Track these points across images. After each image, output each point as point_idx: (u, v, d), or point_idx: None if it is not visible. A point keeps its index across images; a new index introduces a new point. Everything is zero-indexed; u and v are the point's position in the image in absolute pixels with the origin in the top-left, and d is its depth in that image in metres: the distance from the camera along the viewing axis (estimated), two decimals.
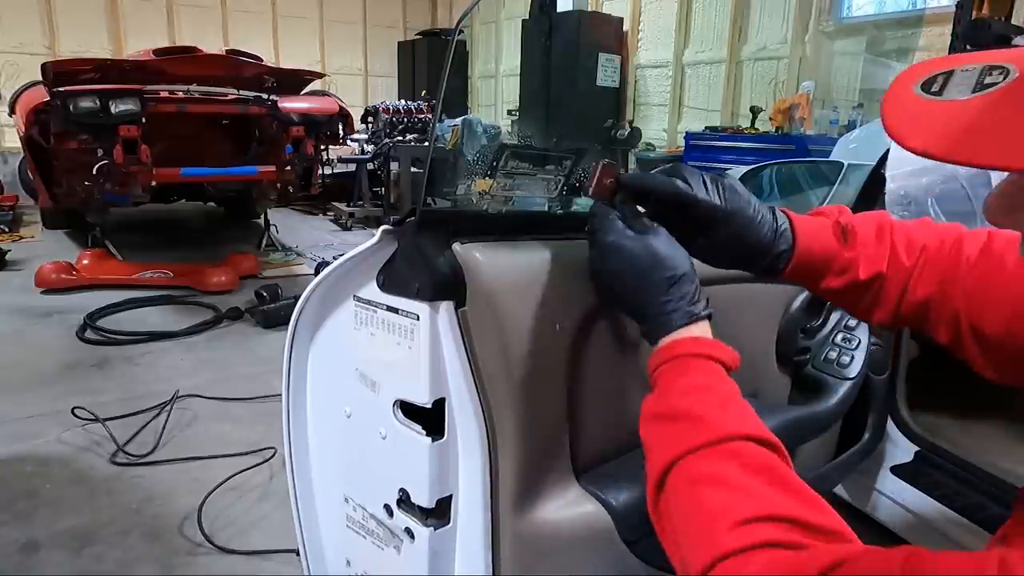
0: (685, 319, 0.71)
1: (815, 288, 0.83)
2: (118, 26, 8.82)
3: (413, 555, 0.80)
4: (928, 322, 0.81)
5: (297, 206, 7.65)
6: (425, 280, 0.71)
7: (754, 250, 0.78)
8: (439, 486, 0.77)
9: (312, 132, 4.98)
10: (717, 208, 0.76)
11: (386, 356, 0.78)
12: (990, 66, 0.45)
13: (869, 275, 0.79)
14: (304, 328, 0.90)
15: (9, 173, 7.75)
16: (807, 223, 0.81)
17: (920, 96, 0.47)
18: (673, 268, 0.72)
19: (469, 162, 6.41)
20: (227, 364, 3.26)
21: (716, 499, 0.57)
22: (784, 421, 1.19)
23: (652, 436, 0.67)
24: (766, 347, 1.28)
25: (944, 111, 0.45)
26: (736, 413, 0.64)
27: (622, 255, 0.73)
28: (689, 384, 0.67)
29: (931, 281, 0.79)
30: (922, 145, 0.44)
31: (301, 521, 0.98)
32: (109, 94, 4.07)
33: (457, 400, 0.75)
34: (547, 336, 0.78)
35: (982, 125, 0.43)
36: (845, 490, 1.75)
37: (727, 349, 0.71)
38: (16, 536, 1.91)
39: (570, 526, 0.80)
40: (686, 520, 0.59)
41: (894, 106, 0.48)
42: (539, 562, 0.80)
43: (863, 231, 0.81)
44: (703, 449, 0.61)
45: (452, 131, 7.92)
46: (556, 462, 0.82)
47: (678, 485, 0.61)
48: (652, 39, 8.39)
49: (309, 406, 0.95)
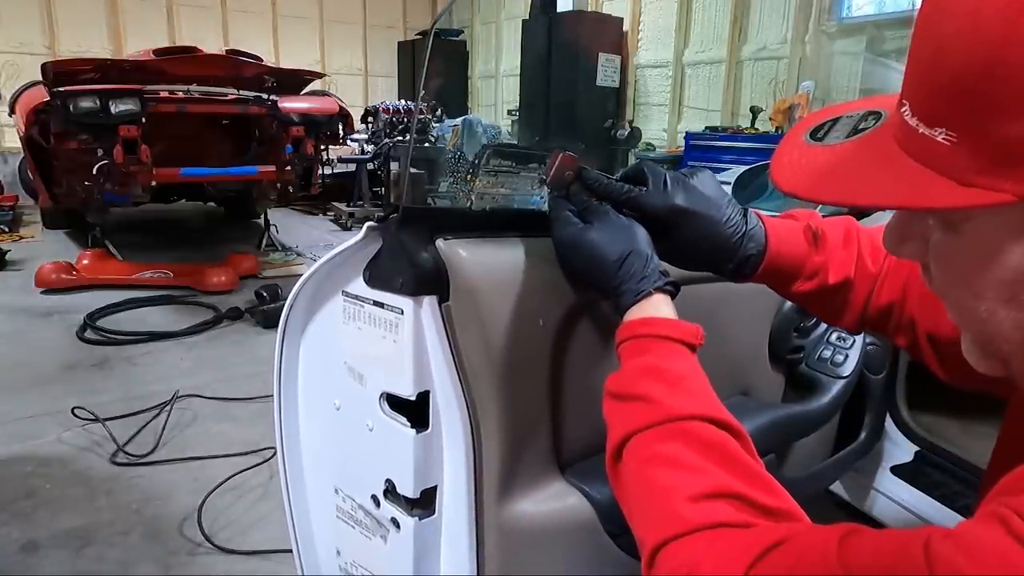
0: (632, 297, 0.71)
1: (785, 292, 0.84)
2: (118, 26, 8.84)
3: (399, 544, 0.81)
4: (888, 326, 0.83)
5: (297, 206, 7.66)
6: (408, 275, 0.73)
7: (719, 252, 0.78)
8: (423, 477, 0.78)
9: (312, 132, 5.00)
10: (675, 209, 0.76)
11: (372, 350, 0.79)
12: (868, 112, 0.51)
13: (838, 280, 0.80)
14: (295, 323, 0.92)
15: (9, 173, 7.78)
16: (779, 226, 0.81)
17: (805, 143, 0.53)
18: (621, 250, 0.72)
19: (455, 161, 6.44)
20: (227, 364, 3.27)
21: (663, 478, 0.59)
22: (777, 418, 1.19)
23: (610, 413, 0.68)
24: (759, 346, 1.29)
25: (819, 155, 0.50)
26: (687, 393, 0.65)
27: (573, 246, 0.75)
28: (642, 365, 0.68)
29: (895, 287, 0.81)
30: (789, 187, 0.50)
31: (293, 511, 0.99)
32: (109, 94, 4.09)
33: (441, 393, 0.77)
34: (530, 331, 0.79)
35: (839, 167, 0.49)
36: (845, 490, 1.75)
37: (683, 326, 0.70)
38: (16, 536, 1.92)
39: (554, 518, 0.81)
40: (637, 498, 0.61)
41: (782, 153, 0.54)
42: (523, 553, 0.81)
43: (832, 236, 0.82)
44: (652, 428, 0.62)
45: (452, 131, 7.93)
46: (540, 455, 0.84)
47: (632, 461, 0.63)
48: (652, 39, 8.40)
49: (300, 399, 0.96)
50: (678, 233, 0.77)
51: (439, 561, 0.82)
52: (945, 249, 0.48)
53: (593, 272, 0.74)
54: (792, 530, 0.50)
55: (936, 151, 0.42)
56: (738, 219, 0.78)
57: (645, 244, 0.74)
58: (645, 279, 0.72)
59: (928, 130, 0.43)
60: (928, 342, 0.79)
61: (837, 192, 0.48)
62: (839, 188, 0.48)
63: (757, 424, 1.14)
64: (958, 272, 0.48)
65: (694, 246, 0.78)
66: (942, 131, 0.42)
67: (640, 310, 0.71)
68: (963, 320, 0.51)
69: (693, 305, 1.03)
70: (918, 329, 0.79)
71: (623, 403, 0.67)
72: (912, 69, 0.44)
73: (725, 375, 1.20)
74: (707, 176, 0.80)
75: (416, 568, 0.81)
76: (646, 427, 0.63)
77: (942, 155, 0.42)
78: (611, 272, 0.72)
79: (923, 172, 0.43)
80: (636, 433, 0.63)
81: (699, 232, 0.77)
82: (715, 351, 1.13)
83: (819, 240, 0.81)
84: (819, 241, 0.81)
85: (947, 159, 0.42)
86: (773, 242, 0.79)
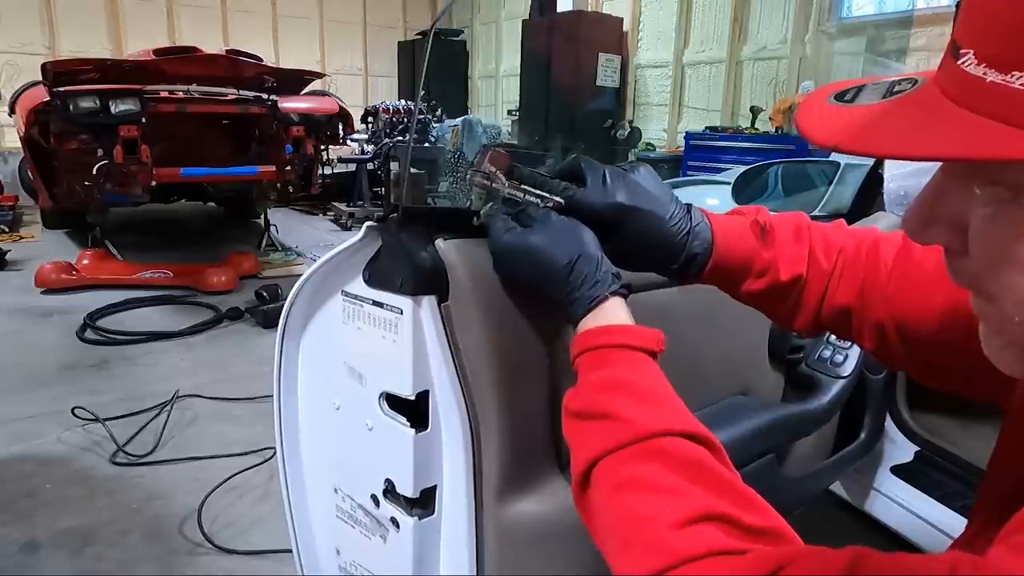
0: (586, 304, 0.67)
1: (735, 292, 0.79)
2: (118, 26, 8.85)
3: (399, 544, 0.81)
4: (850, 328, 0.78)
5: (297, 206, 7.66)
6: (407, 275, 0.73)
7: (662, 250, 0.73)
8: (423, 477, 0.78)
9: (312, 132, 5.00)
10: (617, 207, 0.71)
11: (372, 349, 0.79)
12: (900, 79, 0.47)
13: (790, 276, 0.76)
14: (295, 323, 0.92)
15: (9, 173, 7.77)
16: (725, 222, 0.77)
17: (833, 104, 0.48)
18: (568, 254, 0.67)
19: (457, 162, 6.43)
20: (227, 364, 3.27)
21: (643, 503, 0.54)
22: (777, 418, 1.20)
23: (572, 435, 0.64)
24: (759, 345, 1.29)
25: (854, 113, 0.46)
26: (657, 407, 0.60)
27: (515, 253, 0.70)
28: (605, 378, 0.63)
29: (851, 286, 0.76)
30: (828, 139, 0.45)
31: (293, 511, 0.99)
32: (109, 94, 4.09)
33: (440, 392, 0.77)
34: (530, 331, 0.79)
35: (887, 122, 0.44)
36: (845, 489, 1.75)
37: (643, 332, 0.65)
38: (16, 536, 1.92)
39: (554, 518, 0.81)
40: (614, 529, 0.56)
41: (808, 111, 0.49)
42: (523, 552, 0.81)
43: (781, 231, 0.77)
44: (623, 449, 0.57)
45: (452, 131, 7.94)
46: (540, 455, 0.84)
47: (602, 488, 0.58)
48: (652, 39, 8.41)
49: (300, 399, 0.96)
50: (620, 233, 0.72)
51: (439, 561, 0.82)
52: (999, 221, 0.42)
53: (540, 280, 0.69)
54: (791, 554, 0.46)
55: (1013, 99, 0.37)
56: (682, 216, 0.73)
57: (594, 246, 0.69)
58: (599, 283, 0.67)
59: (1001, 76, 0.38)
60: (902, 345, 0.74)
61: (889, 144, 0.42)
62: (891, 141, 0.42)
63: (757, 424, 1.14)
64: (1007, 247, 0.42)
65: (637, 246, 0.73)
66: (1022, 75, 0.37)
67: (595, 318, 0.67)
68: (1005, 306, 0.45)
69: (692, 306, 1.03)
70: (888, 331, 0.74)
71: (587, 422, 0.62)
72: (973, 13, 0.40)
73: (725, 375, 1.20)
74: (647, 171, 0.75)
75: (416, 568, 0.81)
76: (616, 448, 0.57)
77: (1020, 103, 0.37)
78: (560, 279, 0.67)
79: (992, 125, 0.38)
80: (606, 455, 0.58)
81: (642, 231, 0.72)
82: (715, 351, 1.14)
83: (767, 235, 0.77)
84: (767, 236, 0.76)
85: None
86: (719, 239, 0.75)
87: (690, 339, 1.02)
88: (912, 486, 1.57)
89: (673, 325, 0.89)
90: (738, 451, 1.09)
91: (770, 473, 1.22)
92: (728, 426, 1.09)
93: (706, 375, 1.14)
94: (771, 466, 1.22)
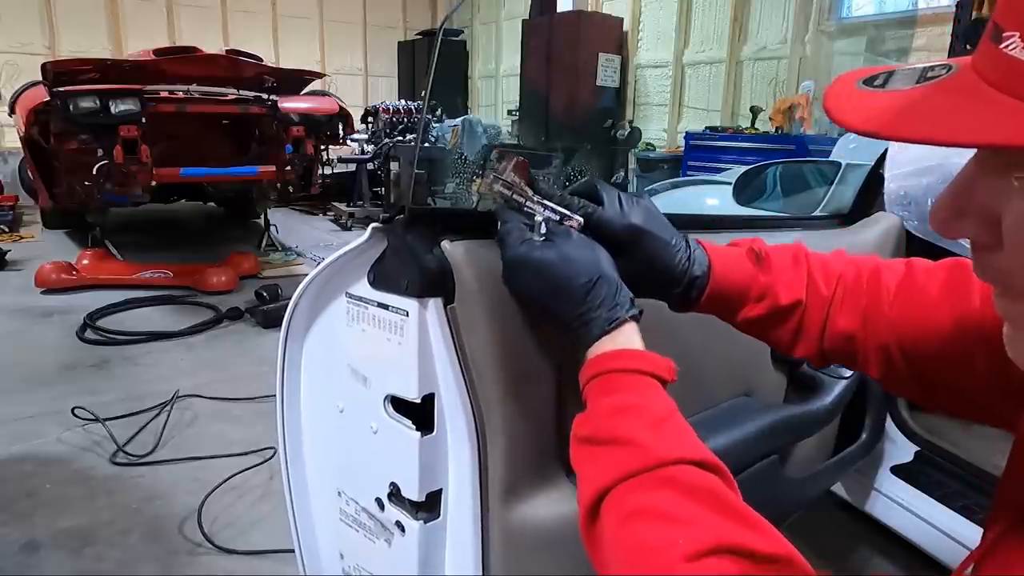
0: (604, 326, 0.66)
1: (733, 320, 0.79)
2: (118, 26, 8.85)
3: (404, 548, 0.80)
4: (856, 356, 0.76)
5: (297, 206, 7.67)
6: (413, 277, 0.72)
7: (667, 275, 0.74)
8: (428, 480, 0.77)
9: (312, 132, 5.01)
10: (633, 229, 0.72)
11: (377, 352, 0.78)
12: (934, 64, 0.44)
13: (790, 301, 0.76)
14: (298, 324, 0.91)
15: (9, 173, 7.78)
16: (721, 250, 0.78)
17: (863, 89, 0.46)
18: (588, 273, 0.66)
19: (462, 162, 6.42)
20: (227, 364, 3.27)
21: (655, 534, 0.52)
22: (779, 419, 1.20)
23: (582, 461, 0.62)
24: (761, 346, 1.29)
25: (887, 98, 0.43)
26: (670, 435, 0.59)
27: (532, 266, 0.68)
28: (618, 403, 0.62)
29: (853, 313, 0.75)
30: (864, 125, 0.43)
31: (295, 514, 0.99)
32: (109, 94, 4.09)
33: (446, 395, 0.76)
34: (537, 333, 0.79)
35: (924, 107, 0.41)
36: (845, 490, 1.75)
37: (658, 360, 0.65)
38: (16, 536, 1.92)
39: (560, 522, 0.81)
40: (624, 561, 0.54)
41: (837, 97, 0.47)
42: (529, 556, 0.81)
43: (778, 258, 0.78)
44: (636, 477, 0.56)
45: (452, 131, 7.94)
46: (546, 458, 0.83)
47: (612, 517, 0.56)
48: (652, 39, 8.41)
49: (303, 402, 0.96)
50: (630, 255, 0.72)
51: (444, 565, 0.82)
52: None
53: (552, 297, 0.68)
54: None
55: None
56: (682, 242, 0.75)
57: (612, 267, 0.69)
58: (618, 306, 0.66)
59: None
60: (908, 371, 0.72)
61: (928, 130, 0.39)
62: (930, 126, 0.39)
63: (760, 425, 1.14)
64: None
65: (645, 269, 0.73)
66: None
67: (612, 341, 0.66)
68: None
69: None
70: (894, 358, 0.73)
71: (599, 448, 0.60)
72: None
73: (728, 376, 1.20)
74: (649, 199, 0.76)
75: (421, 571, 0.80)
76: (627, 475, 0.56)
77: None
78: (576, 298, 0.66)
79: None
80: (616, 484, 0.56)
81: (651, 254, 0.73)
82: (718, 352, 1.13)
83: (763, 261, 0.77)
84: (763, 262, 0.77)
85: None
86: (717, 265, 0.76)
87: (694, 341, 1.01)
88: (912, 486, 1.57)
89: (677, 327, 0.89)
90: (741, 453, 1.10)
91: (773, 474, 1.22)
92: (732, 428, 1.09)
93: (710, 377, 1.13)
94: (774, 467, 1.22)
